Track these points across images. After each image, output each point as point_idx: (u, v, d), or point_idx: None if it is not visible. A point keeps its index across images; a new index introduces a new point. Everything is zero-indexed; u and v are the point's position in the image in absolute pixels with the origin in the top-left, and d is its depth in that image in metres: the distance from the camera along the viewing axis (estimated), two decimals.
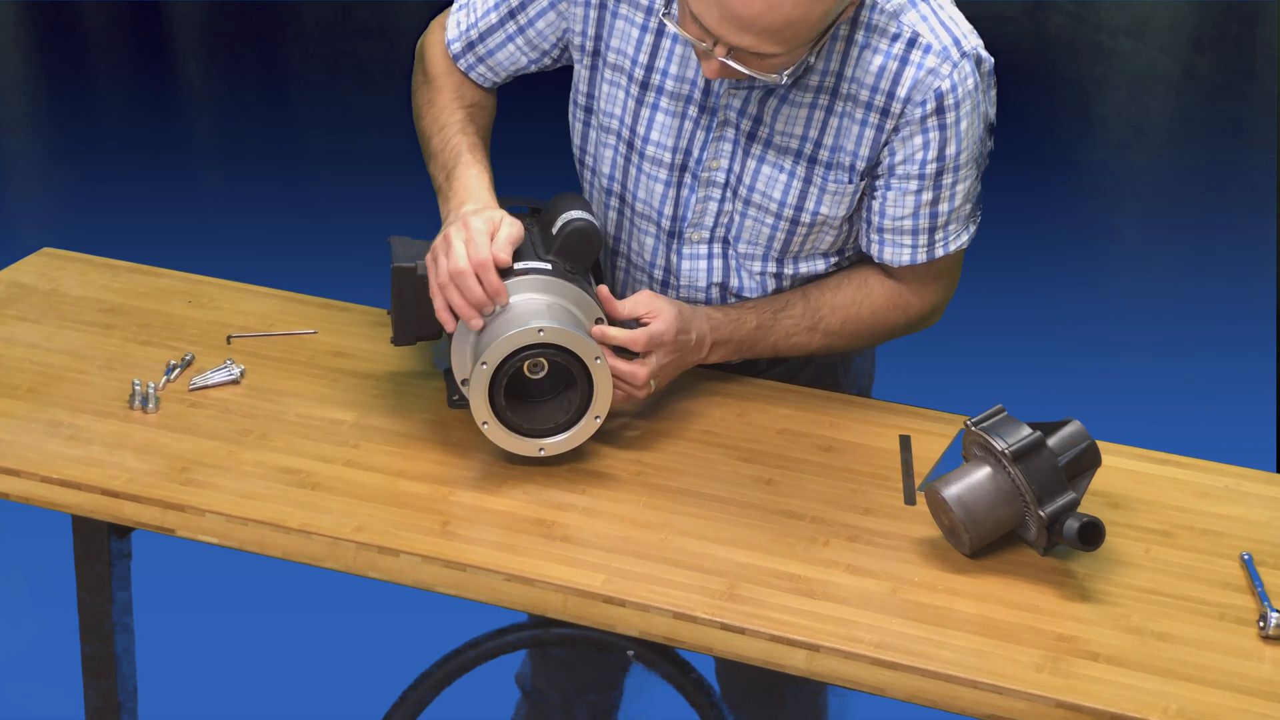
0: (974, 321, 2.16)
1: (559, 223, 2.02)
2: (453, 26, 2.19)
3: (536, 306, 1.96)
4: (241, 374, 2.13)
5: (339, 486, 1.93)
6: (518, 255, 1.98)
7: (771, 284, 2.16)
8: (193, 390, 2.11)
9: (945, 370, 3.89)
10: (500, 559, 1.83)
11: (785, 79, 1.94)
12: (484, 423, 1.95)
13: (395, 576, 1.85)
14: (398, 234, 2.08)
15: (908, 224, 2.09)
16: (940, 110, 2.01)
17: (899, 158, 2.05)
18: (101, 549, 2.01)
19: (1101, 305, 4.81)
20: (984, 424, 1.87)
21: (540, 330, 1.91)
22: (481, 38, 2.16)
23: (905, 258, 2.11)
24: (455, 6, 2.20)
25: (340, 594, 3.02)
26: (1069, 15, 7.32)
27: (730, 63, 1.90)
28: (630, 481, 1.98)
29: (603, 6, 2.09)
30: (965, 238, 2.13)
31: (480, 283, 1.93)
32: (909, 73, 2.00)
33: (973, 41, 2.02)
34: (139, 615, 2.14)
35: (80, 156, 5.65)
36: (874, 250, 2.12)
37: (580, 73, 2.15)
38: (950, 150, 2.04)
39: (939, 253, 2.11)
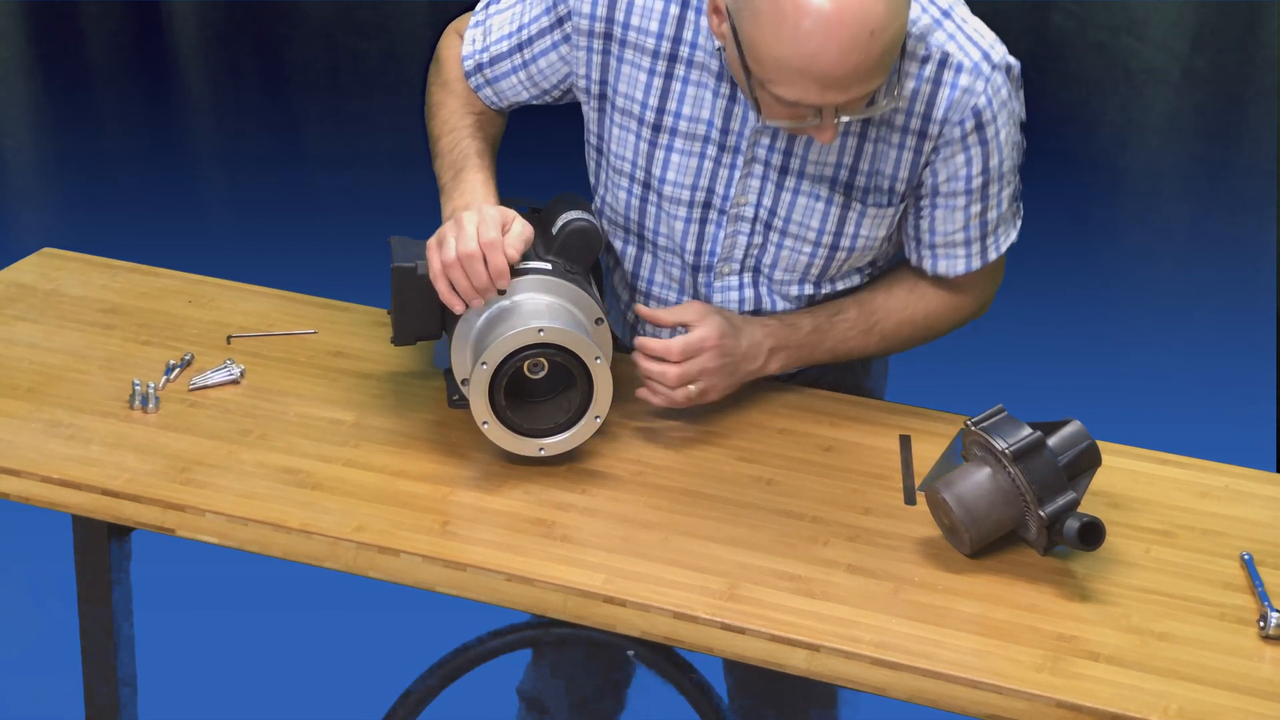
0: (974, 321, 2.17)
1: (559, 223, 2.02)
2: (468, 43, 2.18)
3: (537, 306, 1.96)
4: (241, 374, 2.13)
5: (339, 486, 1.93)
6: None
7: (807, 305, 2.15)
8: (193, 390, 2.11)
9: (945, 370, 3.89)
10: (500, 559, 1.83)
11: (895, 100, 1.93)
12: (484, 423, 1.95)
13: (395, 576, 1.85)
14: (397, 234, 2.08)
15: (959, 236, 2.09)
16: (980, 126, 2.00)
17: (942, 177, 2.04)
18: (101, 549, 2.01)
19: (1102, 305, 4.81)
20: (984, 424, 1.87)
21: (540, 330, 1.91)
22: (491, 62, 2.16)
23: (960, 267, 2.11)
24: (473, 22, 2.18)
25: (340, 594, 3.02)
26: (1069, 14, 7.32)
27: (844, 118, 1.88)
28: (630, 481, 1.98)
29: (606, 52, 2.07)
30: (1014, 233, 2.13)
31: (486, 265, 1.93)
32: (943, 93, 1.98)
33: (1000, 51, 2.01)
34: (139, 615, 2.14)
35: (80, 156, 5.64)
36: (926, 264, 2.12)
37: (589, 114, 2.14)
38: (994, 162, 2.03)
39: (992, 256, 2.11)
